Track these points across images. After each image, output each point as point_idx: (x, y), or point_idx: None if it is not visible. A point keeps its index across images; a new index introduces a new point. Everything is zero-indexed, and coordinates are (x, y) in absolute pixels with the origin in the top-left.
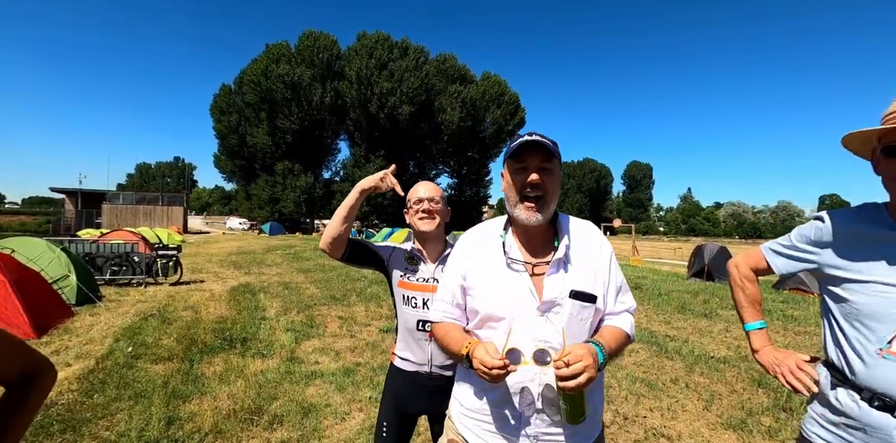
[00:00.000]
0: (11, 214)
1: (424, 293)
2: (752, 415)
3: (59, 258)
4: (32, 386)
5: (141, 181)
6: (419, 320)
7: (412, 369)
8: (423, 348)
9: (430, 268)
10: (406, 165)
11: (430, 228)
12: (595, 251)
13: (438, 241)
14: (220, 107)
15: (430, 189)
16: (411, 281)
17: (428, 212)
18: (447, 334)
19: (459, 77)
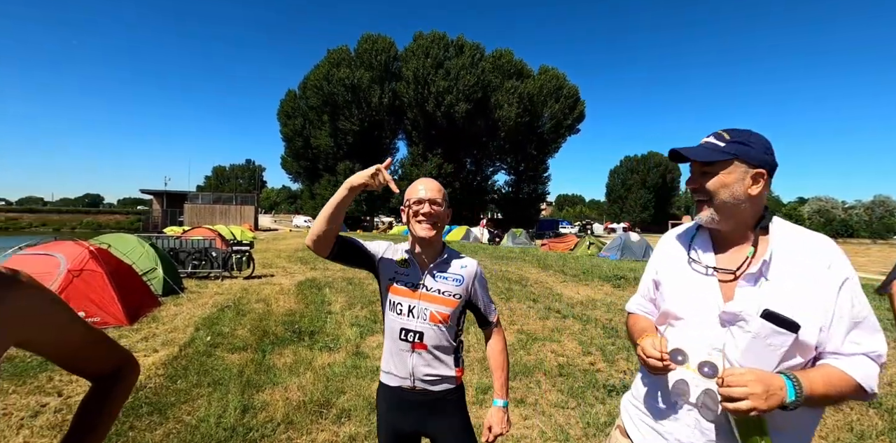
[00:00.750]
0: (109, 213)
1: (410, 300)
2: (864, 439)
3: (147, 253)
4: (120, 380)
5: (217, 182)
6: (402, 329)
7: (395, 383)
8: (404, 360)
9: (420, 274)
10: (463, 163)
11: (430, 234)
12: (817, 272)
13: (435, 246)
14: (286, 111)
15: (432, 188)
16: (399, 286)
17: (428, 215)
18: (634, 325)
19: (516, 72)
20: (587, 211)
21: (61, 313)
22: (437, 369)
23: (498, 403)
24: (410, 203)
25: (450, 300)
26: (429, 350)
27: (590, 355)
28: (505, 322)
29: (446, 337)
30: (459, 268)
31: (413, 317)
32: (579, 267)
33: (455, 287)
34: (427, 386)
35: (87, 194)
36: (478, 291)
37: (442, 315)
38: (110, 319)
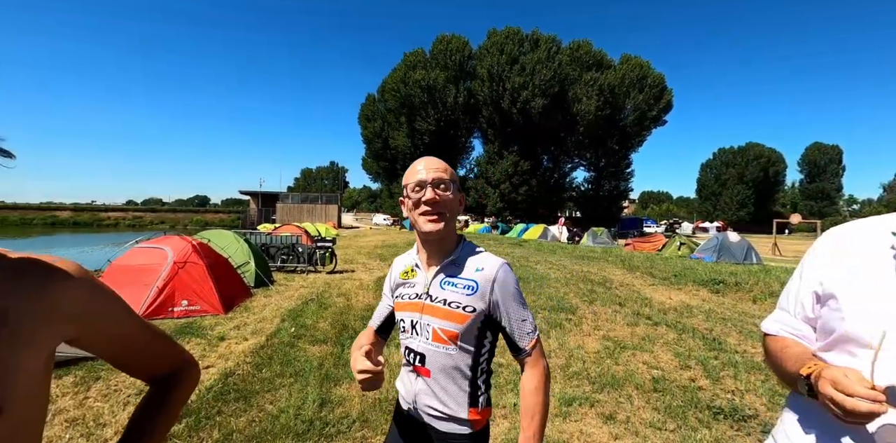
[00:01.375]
0: (214, 212)
1: (412, 314)
2: None
3: (242, 248)
4: (177, 383)
5: (305, 183)
6: (407, 348)
7: (405, 406)
8: (410, 381)
9: (426, 278)
10: (540, 160)
11: (436, 228)
12: None
13: (446, 243)
14: (366, 115)
15: (435, 167)
16: (403, 300)
17: (432, 203)
18: (784, 351)
19: (595, 63)
20: (674, 209)
21: (114, 310)
22: (442, 405)
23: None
24: (408, 190)
25: (459, 314)
26: (433, 379)
27: (689, 370)
28: (588, 327)
29: (457, 364)
30: (474, 271)
31: (416, 334)
32: (670, 269)
33: (466, 297)
34: (431, 421)
35: (197, 195)
36: (500, 304)
37: (448, 333)
38: (209, 308)
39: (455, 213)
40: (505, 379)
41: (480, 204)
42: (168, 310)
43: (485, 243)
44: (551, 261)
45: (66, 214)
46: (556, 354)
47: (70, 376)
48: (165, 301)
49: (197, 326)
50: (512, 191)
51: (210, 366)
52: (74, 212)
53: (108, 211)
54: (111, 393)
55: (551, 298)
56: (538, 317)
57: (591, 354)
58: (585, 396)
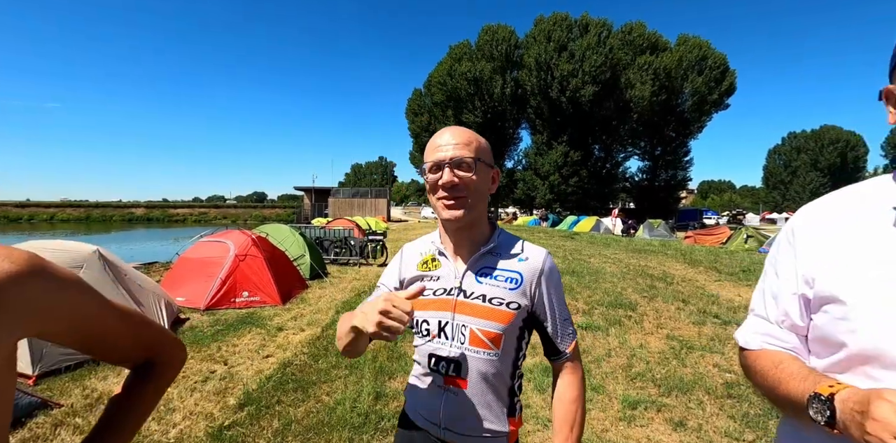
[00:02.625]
0: (271, 207)
1: (440, 313)
2: None
3: (298, 241)
4: (161, 366)
5: (355, 178)
6: (432, 356)
7: (422, 425)
8: (434, 396)
9: (456, 271)
10: (591, 150)
11: (457, 215)
12: None
13: (476, 231)
14: (412, 109)
15: (457, 141)
16: (425, 296)
17: (450, 187)
18: (780, 368)
19: (650, 46)
20: (738, 199)
21: (75, 299)
22: (480, 420)
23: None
24: (427, 169)
25: (501, 311)
26: (470, 391)
27: None
28: (650, 325)
29: (498, 370)
30: (516, 262)
31: (446, 338)
32: (736, 264)
33: (509, 291)
34: (463, 440)
35: (255, 192)
36: (545, 298)
37: (489, 335)
38: (268, 299)
39: (483, 194)
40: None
41: (529, 196)
42: (231, 300)
43: (535, 236)
44: (606, 254)
45: (140, 210)
46: (616, 353)
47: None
48: (228, 292)
49: (257, 316)
50: (562, 182)
51: (269, 356)
52: (148, 209)
53: (177, 208)
54: (179, 380)
55: (608, 293)
56: (595, 313)
57: (655, 354)
58: (651, 399)
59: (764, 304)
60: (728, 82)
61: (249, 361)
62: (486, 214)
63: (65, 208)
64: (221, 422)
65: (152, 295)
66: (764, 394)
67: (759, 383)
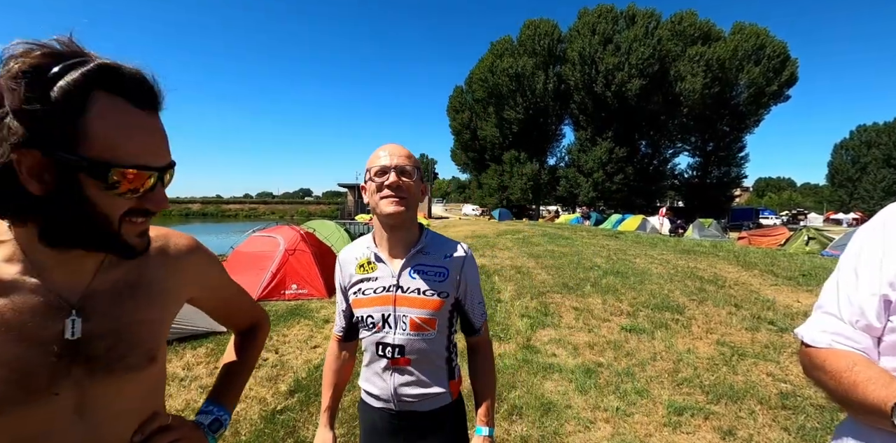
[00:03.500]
0: (316, 203)
1: (383, 308)
2: None
3: (343, 236)
4: (258, 331)
5: None
6: (378, 344)
7: (378, 405)
8: (384, 378)
9: (392, 271)
10: (637, 146)
11: (397, 210)
12: None
13: (408, 232)
14: (454, 106)
15: (398, 153)
16: (366, 295)
17: (395, 188)
18: (854, 370)
19: (702, 36)
20: (798, 198)
21: (220, 274)
22: (424, 388)
23: (482, 431)
24: (371, 175)
25: (433, 301)
26: (413, 365)
27: None
28: (699, 329)
29: (434, 348)
30: (443, 258)
31: (389, 328)
32: (796, 267)
33: (439, 283)
34: (414, 408)
35: (301, 188)
36: (467, 287)
37: (426, 321)
38: (315, 292)
39: (417, 200)
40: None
41: (572, 194)
42: (280, 292)
43: (577, 235)
44: (652, 255)
45: (196, 206)
46: (662, 357)
47: (203, 348)
48: (278, 285)
49: (305, 308)
50: (606, 180)
51: (317, 346)
52: (203, 204)
53: (229, 203)
54: None
55: (654, 295)
56: (639, 315)
57: (704, 360)
58: (699, 406)
59: (837, 301)
60: (788, 72)
61: (298, 350)
62: (416, 217)
63: None
64: (274, 406)
65: None
66: (830, 394)
67: (828, 384)
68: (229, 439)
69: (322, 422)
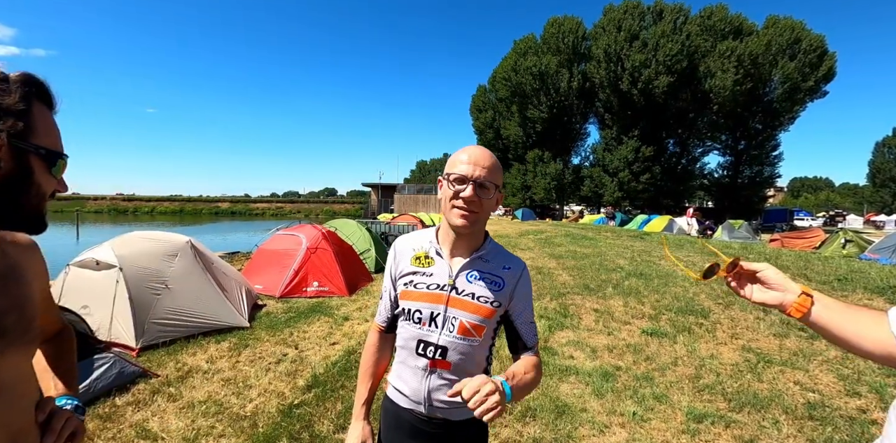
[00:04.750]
0: (341, 203)
1: (433, 305)
2: None
3: (364, 236)
4: (69, 336)
5: (420, 175)
6: (420, 341)
7: (406, 405)
8: (418, 379)
9: (450, 270)
10: (664, 145)
11: (466, 224)
12: None
13: (474, 238)
14: (477, 106)
15: (483, 163)
16: (418, 289)
17: (469, 202)
18: None
19: (733, 31)
20: (836, 198)
21: (47, 273)
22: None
23: (498, 378)
24: (451, 179)
25: (486, 308)
26: (452, 371)
27: (858, 397)
28: (724, 334)
29: (476, 355)
30: (501, 268)
31: (436, 327)
32: (831, 271)
33: (494, 292)
34: (446, 415)
35: (326, 188)
36: (520, 302)
37: (475, 327)
38: (335, 290)
39: (489, 213)
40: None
41: (597, 194)
42: (302, 289)
43: (601, 236)
44: (678, 256)
45: (225, 205)
46: (683, 362)
47: (226, 342)
48: (300, 282)
49: (325, 305)
50: (632, 179)
51: (336, 343)
52: (232, 203)
53: (257, 202)
54: (256, 360)
55: (678, 298)
56: (662, 319)
57: (728, 366)
58: (720, 414)
59: None
60: (826, 67)
61: (318, 347)
62: (484, 226)
63: (162, 202)
64: (291, 401)
65: (235, 282)
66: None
67: None
68: (248, 430)
69: (360, 415)
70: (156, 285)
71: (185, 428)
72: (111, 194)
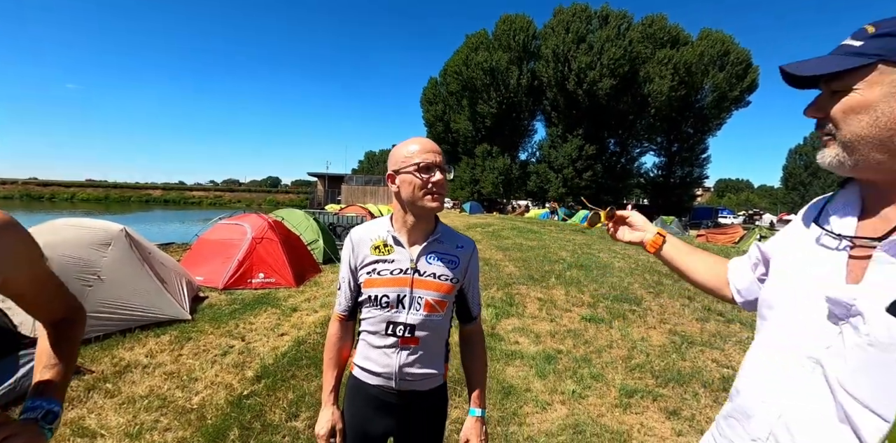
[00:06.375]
0: (285, 192)
1: (399, 289)
2: None
3: (312, 226)
4: (76, 322)
5: (368, 166)
6: (389, 323)
7: (376, 382)
8: (389, 356)
9: (410, 255)
10: (606, 144)
11: (440, 205)
12: None
13: (429, 221)
14: (427, 98)
15: (438, 151)
16: (382, 276)
17: (441, 186)
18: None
19: (670, 40)
20: (755, 199)
21: (33, 255)
22: (426, 367)
23: (476, 412)
24: (415, 170)
25: (447, 285)
26: (420, 345)
27: None
28: (654, 319)
29: (440, 329)
30: (455, 248)
31: (403, 308)
32: None
33: (451, 270)
34: (414, 387)
35: (269, 177)
36: (472, 277)
37: (439, 303)
38: (282, 281)
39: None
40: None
41: (542, 189)
42: (247, 281)
43: (546, 229)
44: (615, 249)
45: (158, 192)
46: (617, 344)
47: (167, 336)
48: (245, 273)
49: (272, 297)
50: (575, 176)
51: (284, 334)
52: (165, 190)
53: (193, 190)
54: (201, 352)
55: (614, 287)
56: (599, 306)
57: (656, 347)
58: (648, 389)
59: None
60: (750, 79)
61: (265, 338)
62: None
63: (85, 188)
64: (240, 392)
65: (174, 273)
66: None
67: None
68: (195, 423)
69: (329, 401)
70: (86, 276)
71: (127, 424)
72: (23, 178)
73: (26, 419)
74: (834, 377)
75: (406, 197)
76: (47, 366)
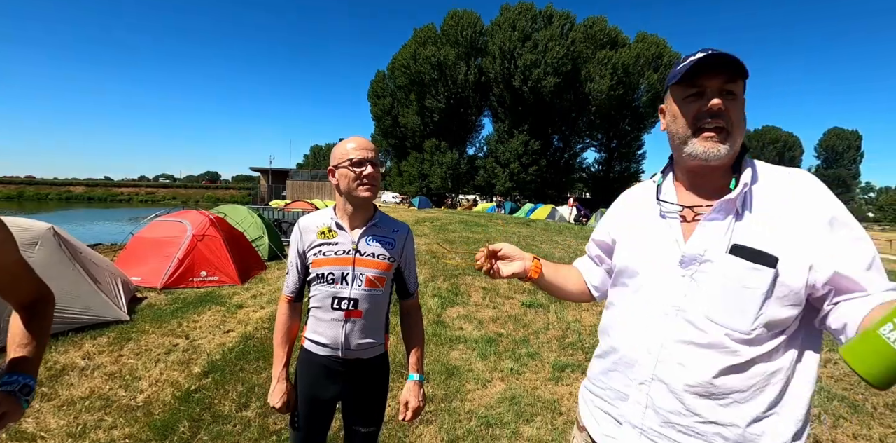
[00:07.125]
0: (225, 188)
1: (343, 267)
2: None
3: (256, 222)
4: (46, 305)
5: (315, 160)
6: (335, 297)
7: (324, 353)
8: (335, 329)
9: (352, 238)
10: (550, 140)
11: (372, 195)
12: (797, 205)
13: (369, 209)
14: (375, 92)
15: (371, 147)
16: (327, 256)
17: (372, 178)
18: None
19: (610, 41)
20: None
21: (6, 238)
22: (369, 337)
23: (414, 377)
24: (350, 165)
25: (385, 263)
26: (363, 317)
27: None
28: (588, 304)
29: (380, 303)
30: (392, 231)
31: (346, 284)
32: None
33: (388, 251)
34: (359, 355)
35: (208, 172)
36: (408, 257)
37: (378, 279)
38: (226, 279)
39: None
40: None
41: (490, 184)
42: (188, 280)
43: (492, 223)
44: (556, 241)
45: (80, 189)
46: (553, 326)
47: (104, 338)
48: (185, 272)
49: (216, 295)
50: (521, 171)
51: (231, 330)
52: (88, 187)
53: (122, 187)
54: (143, 352)
55: None
56: (539, 293)
57: (587, 327)
58: (578, 363)
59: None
60: None
61: (211, 335)
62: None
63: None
64: (188, 387)
65: (108, 273)
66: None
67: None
68: (142, 419)
69: (281, 376)
70: None
71: (69, 425)
72: None
73: (4, 392)
74: (700, 313)
75: (344, 188)
76: (20, 344)
